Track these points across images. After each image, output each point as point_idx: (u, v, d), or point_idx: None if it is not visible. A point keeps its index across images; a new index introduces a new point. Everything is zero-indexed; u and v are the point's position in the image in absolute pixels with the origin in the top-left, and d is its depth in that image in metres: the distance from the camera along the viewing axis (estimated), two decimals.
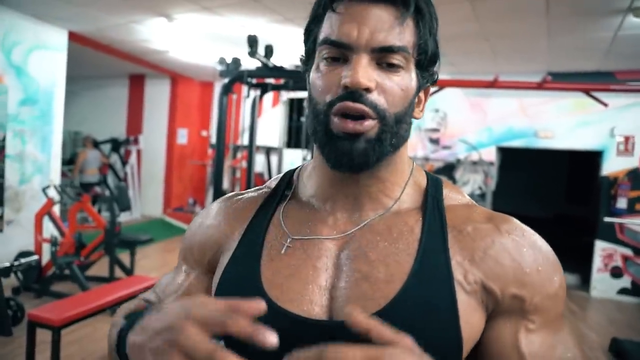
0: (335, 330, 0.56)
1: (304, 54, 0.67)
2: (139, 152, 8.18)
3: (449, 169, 6.29)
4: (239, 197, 0.76)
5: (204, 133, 8.46)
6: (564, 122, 5.65)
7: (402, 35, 0.59)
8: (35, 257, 4.07)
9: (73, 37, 5.20)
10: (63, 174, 7.41)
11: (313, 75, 0.63)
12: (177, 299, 0.70)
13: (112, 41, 5.62)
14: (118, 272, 4.56)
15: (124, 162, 8.10)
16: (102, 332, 3.52)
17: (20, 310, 3.50)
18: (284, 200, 0.71)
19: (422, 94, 0.67)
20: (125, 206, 4.96)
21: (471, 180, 6.18)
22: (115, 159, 8.16)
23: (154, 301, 0.75)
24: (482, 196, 6.06)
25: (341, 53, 0.59)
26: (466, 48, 4.92)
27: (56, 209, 4.77)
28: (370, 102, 0.58)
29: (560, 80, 4.76)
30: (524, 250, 0.60)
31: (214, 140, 5.64)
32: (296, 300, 0.60)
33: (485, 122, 6.09)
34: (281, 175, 0.77)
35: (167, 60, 6.70)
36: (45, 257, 4.25)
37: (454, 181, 6.21)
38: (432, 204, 0.65)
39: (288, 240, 0.65)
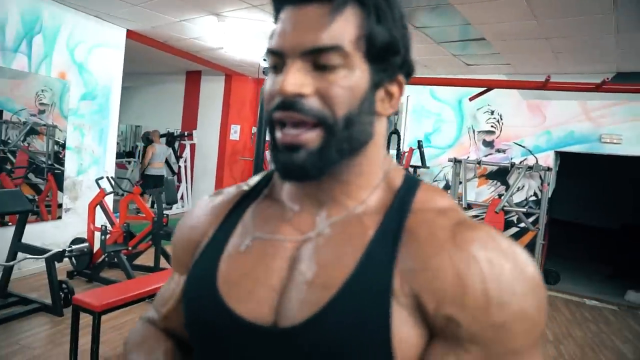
0: (274, 338, 0.55)
1: None
2: (192, 147, 8.43)
3: (502, 174, 5.99)
4: (218, 194, 0.74)
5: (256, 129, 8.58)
6: (633, 127, 5.22)
7: (336, 31, 0.54)
8: (87, 244, 4.30)
9: (131, 35, 5.43)
10: (122, 165, 7.78)
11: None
12: (173, 305, 0.73)
13: (167, 38, 5.81)
14: (164, 263, 4.72)
15: (178, 157, 8.36)
16: None
17: (71, 293, 3.67)
18: (259, 199, 0.69)
19: (392, 88, 0.61)
20: (171, 200, 5.11)
21: (526, 186, 5.86)
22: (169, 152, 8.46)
23: (156, 319, 0.77)
24: (537, 202, 5.73)
25: (280, 60, 0.57)
26: (523, 47, 4.65)
27: (109, 200, 5.00)
28: (305, 108, 0.54)
29: (632, 82, 4.40)
30: (476, 266, 0.50)
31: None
32: (245, 300, 0.58)
33: (544, 125, 5.75)
34: (265, 173, 0.74)
35: (221, 57, 6.84)
36: (97, 245, 4.46)
37: (507, 186, 5.91)
38: (396, 206, 0.59)
39: (249, 239, 0.63)
